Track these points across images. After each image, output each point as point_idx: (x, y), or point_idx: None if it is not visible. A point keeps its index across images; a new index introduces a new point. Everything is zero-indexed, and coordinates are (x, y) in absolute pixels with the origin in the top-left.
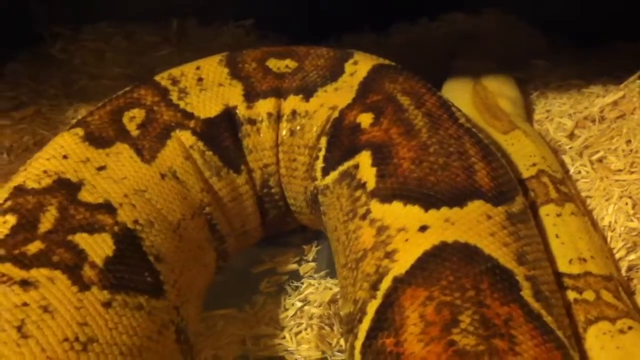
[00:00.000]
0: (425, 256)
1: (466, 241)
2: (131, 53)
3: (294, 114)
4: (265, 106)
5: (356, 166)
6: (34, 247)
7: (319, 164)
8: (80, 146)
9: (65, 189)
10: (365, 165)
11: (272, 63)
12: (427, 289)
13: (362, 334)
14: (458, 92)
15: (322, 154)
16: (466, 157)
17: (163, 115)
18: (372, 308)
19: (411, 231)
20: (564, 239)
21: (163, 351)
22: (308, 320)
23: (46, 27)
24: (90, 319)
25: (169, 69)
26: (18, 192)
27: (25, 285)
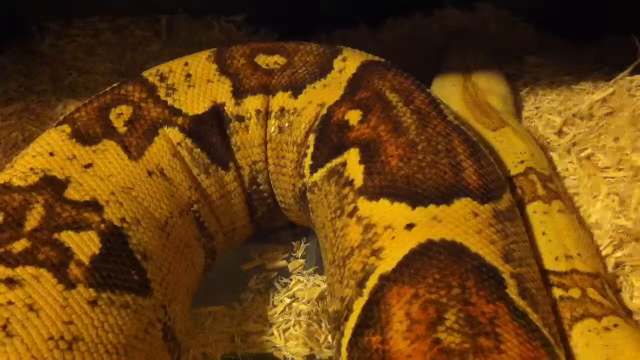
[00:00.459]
0: (411, 254)
1: (453, 239)
2: (121, 48)
3: (283, 111)
4: (253, 103)
5: (344, 164)
6: (20, 245)
7: (307, 162)
8: (66, 143)
9: (51, 187)
10: (353, 162)
11: (261, 59)
12: (413, 287)
13: (349, 332)
14: (448, 89)
15: (310, 151)
16: (454, 155)
17: (150, 112)
18: (359, 305)
19: (398, 229)
20: (551, 237)
21: (150, 350)
22: (296, 317)
23: (36, 22)
24: (75, 318)
25: (159, 65)
26: (4, 190)
27: (10, 283)
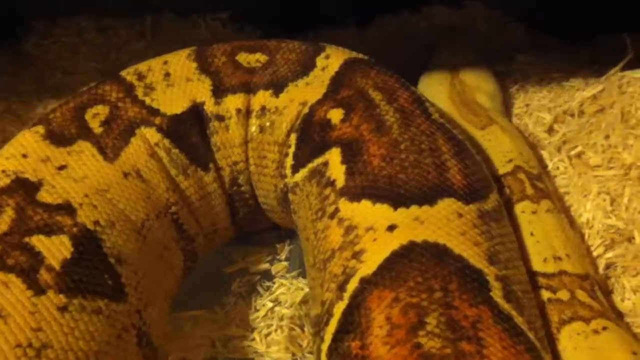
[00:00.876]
0: (393, 256)
1: (435, 241)
2: (106, 48)
3: (264, 110)
4: (234, 102)
5: (325, 163)
6: None
7: (289, 162)
8: (40, 144)
9: (23, 189)
10: (334, 162)
11: (242, 57)
12: (394, 291)
13: (329, 337)
14: (435, 87)
15: (292, 151)
16: (438, 154)
17: (128, 111)
18: (339, 310)
19: (379, 231)
20: (539, 237)
21: (123, 356)
22: (279, 321)
23: (19, 21)
24: (45, 324)
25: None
26: None
27: None
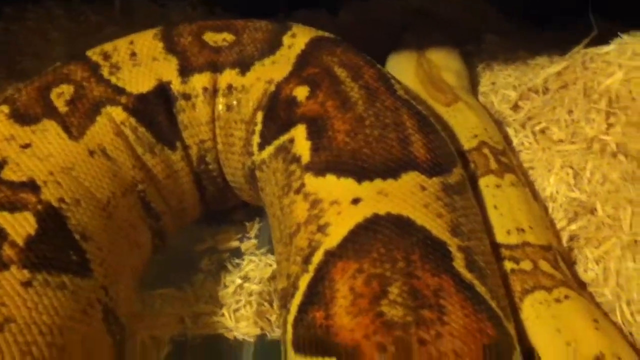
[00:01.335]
0: (357, 229)
1: (399, 213)
2: (76, 33)
3: (230, 89)
4: (200, 81)
5: (291, 140)
6: None
7: (256, 139)
8: (4, 124)
9: None
10: (300, 139)
11: (209, 36)
12: (358, 262)
13: (294, 309)
14: (402, 65)
15: (259, 129)
16: (402, 129)
17: (93, 91)
18: (304, 282)
19: (344, 204)
20: (503, 210)
21: (88, 331)
22: (247, 297)
23: None
24: (8, 299)
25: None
26: None
27: None
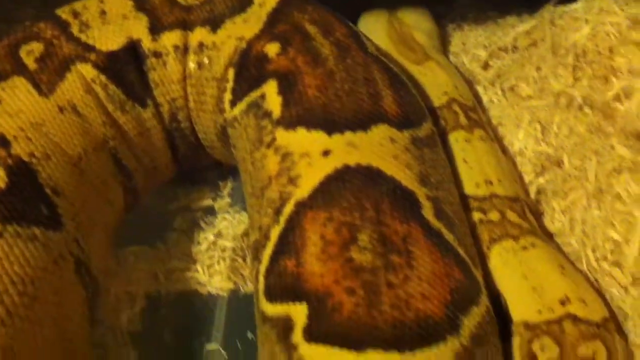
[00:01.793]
0: (327, 179)
1: (368, 164)
2: None
3: (201, 46)
4: (171, 38)
5: (262, 96)
6: None
7: (227, 97)
8: None
9: None
10: (271, 94)
11: None
12: (328, 211)
13: (266, 259)
14: (373, 25)
15: (230, 86)
16: (373, 84)
17: (63, 48)
18: (275, 233)
19: (314, 156)
20: (472, 164)
21: (60, 282)
22: (221, 253)
23: None
24: None
25: None
26: None
27: None
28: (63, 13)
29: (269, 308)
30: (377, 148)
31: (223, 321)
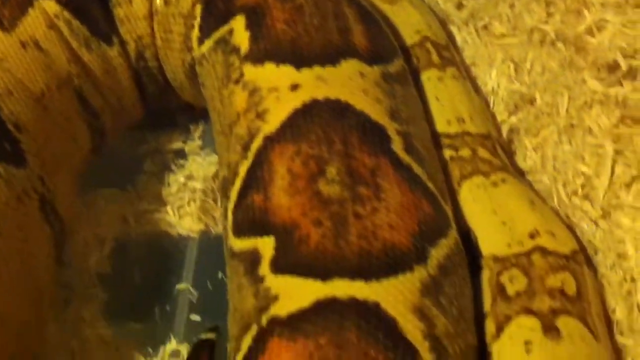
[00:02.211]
0: (295, 113)
1: (337, 98)
2: None
3: None
4: None
5: (230, 32)
6: None
7: (195, 33)
8: None
9: None
10: (239, 29)
11: None
12: (296, 144)
13: (234, 195)
14: None
15: (198, 23)
16: (343, 19)
17: None
18: (244, 168)
19: (283, 90)
20: (444, 102)
21: (24, 219)
22: (191, 194)
23: None
24: None
25: None
26: None
27: None
28: None
29: (237, 243)
30: (347, 82)
31: (193, 262)
